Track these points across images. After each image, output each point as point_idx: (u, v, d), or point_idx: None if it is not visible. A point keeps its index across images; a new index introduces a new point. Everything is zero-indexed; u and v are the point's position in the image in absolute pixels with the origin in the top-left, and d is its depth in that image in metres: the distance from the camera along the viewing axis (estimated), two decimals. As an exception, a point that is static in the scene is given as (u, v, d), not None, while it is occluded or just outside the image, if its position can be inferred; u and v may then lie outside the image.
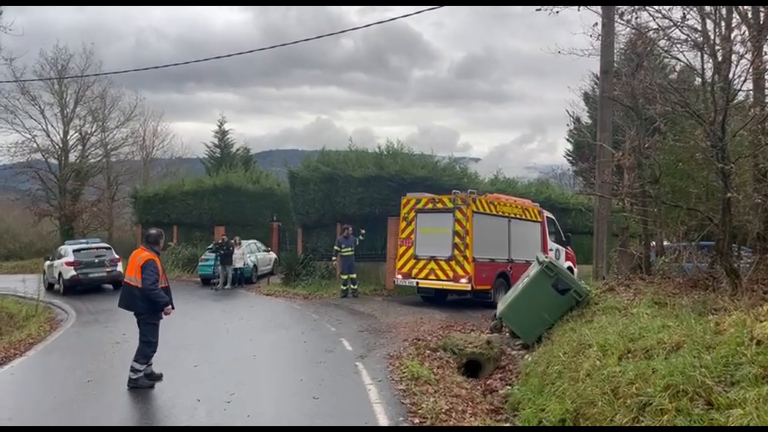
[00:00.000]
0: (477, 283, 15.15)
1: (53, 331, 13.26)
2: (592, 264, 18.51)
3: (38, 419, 6.59)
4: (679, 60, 12.01)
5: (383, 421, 6.37)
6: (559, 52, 14.00)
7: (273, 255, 27.15)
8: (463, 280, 15.06)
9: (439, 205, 15.77)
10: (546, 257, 11.18)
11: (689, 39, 10.93)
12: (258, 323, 13.58)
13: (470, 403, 7.61)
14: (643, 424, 5.50)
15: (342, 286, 17.60)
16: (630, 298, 10.44)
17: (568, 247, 19.74)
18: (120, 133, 38.81)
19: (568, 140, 39.94)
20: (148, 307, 7.87)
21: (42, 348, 11.16)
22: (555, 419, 6.68)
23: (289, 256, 23.93)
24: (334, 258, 18.89)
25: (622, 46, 16.66)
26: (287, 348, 10.70)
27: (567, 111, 39.47)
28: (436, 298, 16.38)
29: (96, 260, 21.39)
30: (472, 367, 10.26)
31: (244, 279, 22.68)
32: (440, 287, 15.75)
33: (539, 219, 18.21)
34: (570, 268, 17.89)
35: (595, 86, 39.31)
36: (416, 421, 6.38)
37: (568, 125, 39.89)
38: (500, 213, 16.47)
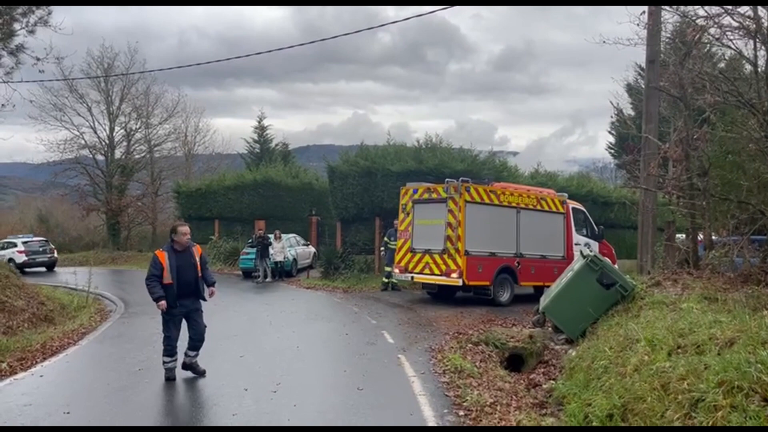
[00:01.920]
0: (470, 279, 14.37)
1: (103, 322, 13.64)
2: (636, 258, 18.16)
3: (93, 405, 6.80)
4: (731, 48, 11.67)
5: (427, 413, 6.38)
6: (604, 41, 13.74)
7: (312, 249, 27.42)
8: (454, 275, 14.26)
9: (434, 195, 14.98)
10: (587, 251, 10.99)
11: (741, 26, 10.62)
12: (300, 315, 13.74)
13: (514, 397, 7.55)
14: (695, 421, 5.38)
15: (384, 279, 17.65)
16: (678, 293, 10.21)
17: (603, 241, 18.52)
18: (163, 129, 39.68)
19: (610, 132, 39.31)
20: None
21: (93, 337, 11.50)
22: (602, 414, 6.58)
23: (328, 250, 24.13)
24: (382, 249, 18.95)
25: (669, 35, 16.27)
26: (329, 340, 10.79)
27: (611, 102, 38.64)
28: (440, 294, 15.78)
29: (40, 249, 29.14)
30: (514, 362, 10.20)
31: (285, 272, 22.99)
32: (433, 282, 15.11)
33: (561, 210, 16.96)
34: None
35: (639, 77, 38.53)
36: (461, 413, 6.37)
37: (611, 117, 39.11)
38: (505, 203, 15.38)
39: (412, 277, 15.39)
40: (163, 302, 7.70)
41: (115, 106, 37.07)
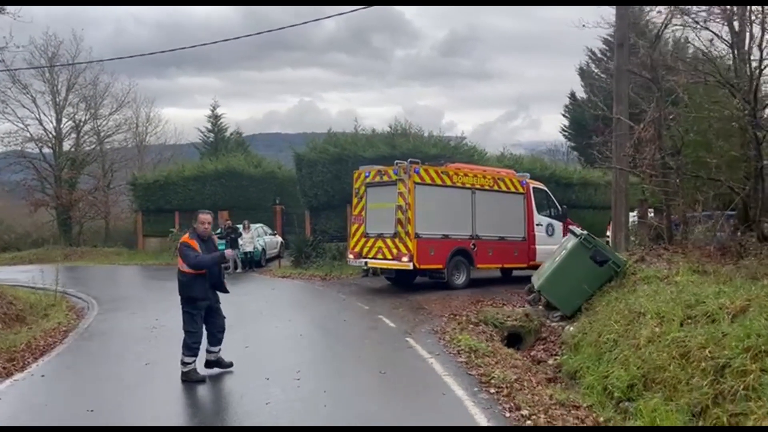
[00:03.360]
0: (421, 262, 13.99)
1: (81, 319, 13.18)
2: (606, 237, 18.67)
3: (117, 403, 6.58)
4: (709, 30, 12.09)
5: (459, 392, 6.48)
6: (585, 26, 14.00)
7: (279, 238, 27.15)
8: (405, 259, 13.83)
9: (385, 178, 14.50)
10: (579, 231, 11.29)
11: (722, 12, 11.05)
12: (287, 304, 13.67)
13: (529, 373, 7.74)
14: (725, 386, 5.63)
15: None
16: (665, 267, 10.62)
17: (568, 221, 17.85)
18: (113, 120, 38.35)
19: (564, 115, 40.17)
20: (183, 294, 7.51)
21: (78, 335, 11.08)
22: (623, 385, 6.82)
23: (298, 238, 23.94)
24: None
25: (635, 21, 16.69)
26: (330, 326, 10.76)
27: (578, 91, 39.44)
28: (398, 280, 15.50)
29: None
30: (513, 340, 10.44)
31: (254, 262, 22.71)
32: (386, 267, 14.82)
33: (521, 190, 16.65)
34: None
35: (591, 62, 39.54)
36: (492, 390, 6.48)
37: (568, 98, 39.97)
38: (458, 184, 14.96)
39: (366, 263, 15.19)
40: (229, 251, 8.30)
41: (61, 96, 35.58)
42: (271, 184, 30.34)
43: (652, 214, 17.98)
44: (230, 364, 7.75)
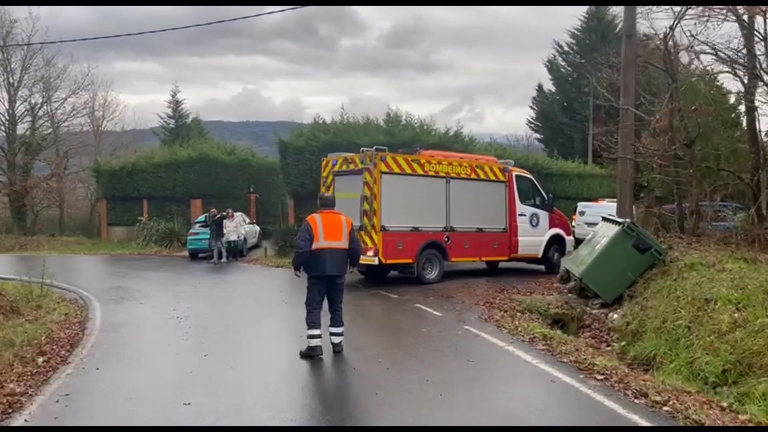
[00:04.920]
0: (387, 257, 13.08)
1: (85, 311, 12.45)
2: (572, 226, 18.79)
3: (217, 396, 6.14)
4: (739, 21, 12.36)
5: (567, 379, 6.37)
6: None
7: (257, 227, 26.53)
8: (369, 253, 12.77)
9: (352, 166, 13.59)
10: (621, 219, 11.30)
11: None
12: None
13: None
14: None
15: None
16: (701, 255, 10.83)
17: (555, 210, 17.15)
18: (69, 103, 36.54)
19: (531, 107, 40.83)
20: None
21: (99, 328, 10.40)
22: (717, 370, 6.88)
23: (282, 228, 23.42)
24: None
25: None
26: (374, 315, 10.46)
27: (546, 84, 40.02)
28: (369, 274, 14.47)
29: None
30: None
31: (237, 252, 22.09)
32: None
33: (502, 178, 15.47)
34: (558, 236, 16.55)
35: (557, 54, 40.21)
36: (599, 377, 6.40)
37: (536, 90, 40.53)
38: (431, 173, 13.95)
39: None
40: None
41: (15, 77, 33.60)
42: (245, 171, 29.59)
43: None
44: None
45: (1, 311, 12.56)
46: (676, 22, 14.21)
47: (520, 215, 15.74)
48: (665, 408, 5.45)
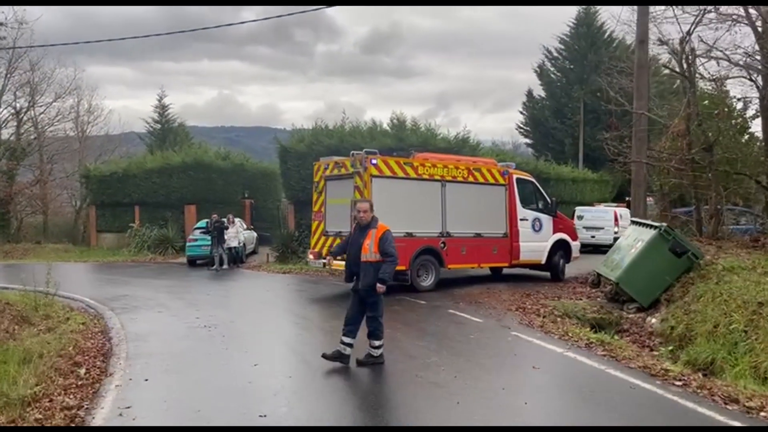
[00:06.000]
0: None
1: (100, 320, 12.03)
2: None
3: (292, 407, 5.89)
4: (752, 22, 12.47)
5: (647, 386, 6.27)
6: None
7: (255, 233, 26.16)
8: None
9: (343, 171, 13.25)
10: (657, 223, 11.23)
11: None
12: (334, 303, 12.92)
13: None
14: None
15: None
16: (735, 258, 10.84)
17: (559, 215, 16.41)
18: (54, 108, 35.73)
19: (521, 113, 41.06)
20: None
21: (125, 337, 9.99)
22: (786, 373, 6.83)
23: (283, 234, 23.07)
24: None
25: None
26: (414, 321, 10.16)
27: (534, 89, 40.28)
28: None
29: None
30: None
31: (238, 258, 21.72)
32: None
33: (501, 182, 14.97)
34: (563, 241, 15.94)
35: (547, 60, 40.50)
36: (678, 383, 6.30)
37: (526, 95, 40.74)
38: (425, 176, 13.50)
39: (325, 264, 13.08)
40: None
41: None
42: (239, 177, 29.17)
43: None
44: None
45: (14, 321, 12.18)
46: (693, 27, 14.30)
47: (521, 220, 15.22)
48: (762, 413, 5.35)
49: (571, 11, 38.50)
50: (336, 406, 5.98)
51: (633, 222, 12.19)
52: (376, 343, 7.17)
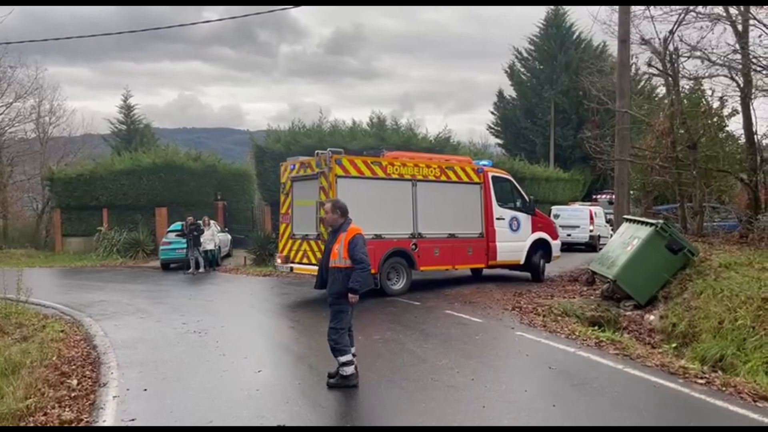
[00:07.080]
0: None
1: (79, 327, 11.48)
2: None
3: (310, 420, 5.61)
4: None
5: (670, 384, 6.17)
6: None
7: (229, 235, 25.60)
8: None
9: (308, 171, 12.70)
10: (653, 220, 11.24)
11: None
12: (323, 302, 12.61)
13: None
14: None
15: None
16: (728, 254, 10.91)
17: (538, 213, 16.12)
18: (13, 109, 34.46)
19: (492, 113, 41.23)
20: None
21: (112, 345, 9.51)
22: (801, 369, 6.82)
23: (259, 236, 22.65)
24: None
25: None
26: (413, 323, 9.92)
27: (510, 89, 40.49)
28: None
29: None
30: (592, 330, 10.28)
31: (213, 261, 21.19)
32: (312, 273, 11.93)
33: (476, 180, 14.48)
34: (542, 240, 15.55)
35: (516, 60, 40.78)
36: (700, 381, 6.21)
37: (496, 96, 40.93)
38: (394, 175, 13.02)
39: (292, 268, 13.24)
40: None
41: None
42: (211, 178, 28.56)
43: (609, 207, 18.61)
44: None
45: (-12, 330, 11.55)
46: (676, 26, 14.42)
47: (497, 219, 14.73)
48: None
49: (535, 12, 38.92)
50: (355, 411, 5.72)
51: (626, 219, 12.20)
52: (342, 359, 6.39)
